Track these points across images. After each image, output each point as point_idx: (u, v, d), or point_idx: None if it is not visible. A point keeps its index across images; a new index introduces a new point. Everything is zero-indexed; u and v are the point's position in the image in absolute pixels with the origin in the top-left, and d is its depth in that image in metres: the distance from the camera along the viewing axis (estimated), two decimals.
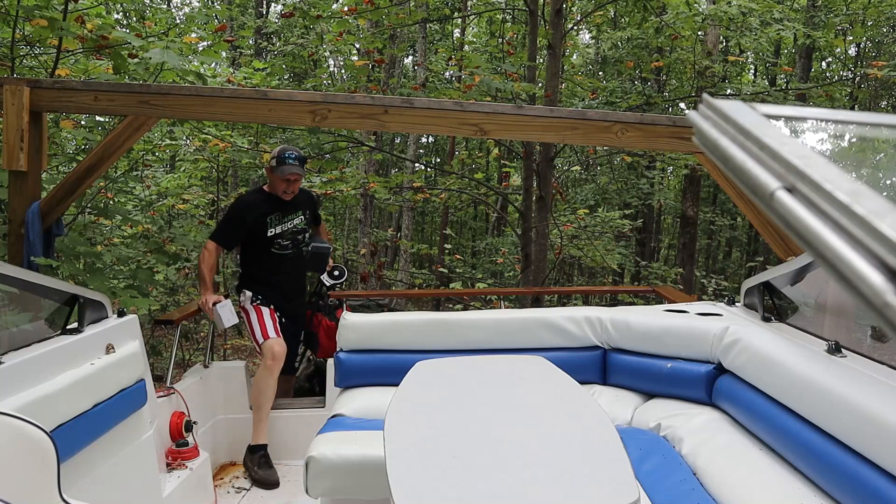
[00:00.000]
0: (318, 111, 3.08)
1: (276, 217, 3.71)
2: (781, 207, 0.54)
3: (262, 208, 3.68)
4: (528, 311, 3.24)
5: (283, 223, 3.74)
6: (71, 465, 2.02)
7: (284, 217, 3.74)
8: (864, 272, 0.45)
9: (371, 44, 7.04)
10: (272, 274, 3.75)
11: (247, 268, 3.81)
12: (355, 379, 2.96)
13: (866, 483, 1.65)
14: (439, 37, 13.57)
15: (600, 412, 1.77)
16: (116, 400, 2.37)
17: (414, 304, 10.52)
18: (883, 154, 0.93)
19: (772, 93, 8.64)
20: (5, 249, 3.12)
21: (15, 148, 2.96)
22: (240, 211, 3.69)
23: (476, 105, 3.17)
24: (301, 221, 3.82)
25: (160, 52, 3.68)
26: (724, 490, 1.94)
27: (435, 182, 11.74)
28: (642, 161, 9.54)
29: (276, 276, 3.76)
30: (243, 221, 3.66)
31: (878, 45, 12.11)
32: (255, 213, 3.66)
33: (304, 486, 2.34)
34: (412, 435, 1.64)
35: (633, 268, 11.38)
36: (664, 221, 15.80)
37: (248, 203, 3.73)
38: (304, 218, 3.83)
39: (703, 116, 0.73)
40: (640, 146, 4.64)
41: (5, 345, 2.12)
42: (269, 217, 3.68)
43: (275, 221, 3.71)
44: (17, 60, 4.32)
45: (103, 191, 5.26)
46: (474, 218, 16.20)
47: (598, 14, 9.05)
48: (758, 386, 2.22)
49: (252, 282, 3.74)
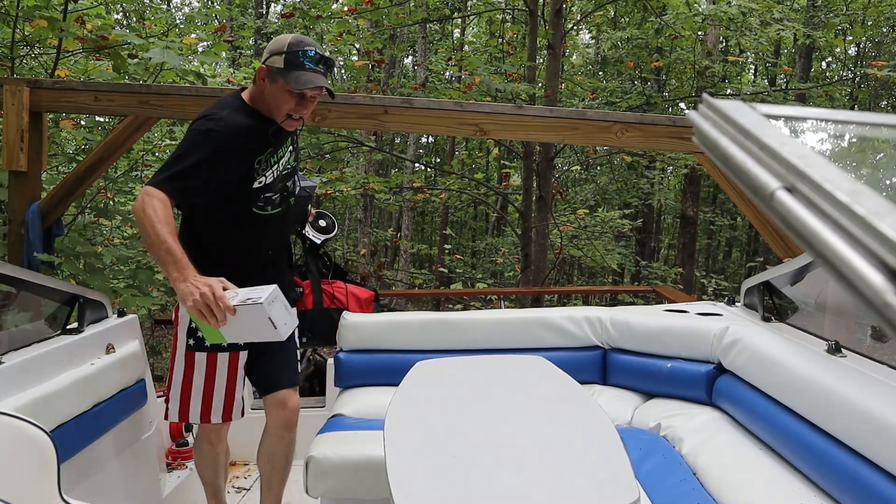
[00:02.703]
0: (318, 111, 3.07)
1: (266, 157, 2.17)
2: (781, 207, 0.55)
3: (252, 143, 2.11)
4: (528, 311, 3.24)
5: (273, 166, 2.20)
6: (71, 465, 2.02)
7: (274, 155, 2.20)
8: (864, 272, 0.45)
9: (371, 44, 7.04)
10: (249, 252, 2.23)
11: (201, 245, 2.17)
12: (355, 379, 2.96)
13: (866, 483, 1.65)
14: (439, 37, 13.57)
15: (600, 412, 1.77)
16: (116, 400, 2.37)
17: (414, 304, 10.52)
18: (883, 154, 0.93)
19: (772, 93, 8.65)
20: (5, 249, 3.12)
21: (15, 148, 2.96)
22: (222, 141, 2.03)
23: (476, 105, 3.17)
24: (290, 157, 2.30)
25: (160, 52, 3.68)
26: (724, 490, 1.94)
27: (435, 182, 11.74)
28: (642, 161, 9.55)
29: (253, 255, 2.24)
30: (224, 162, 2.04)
31: (878, 45, 12.11)
32: (244, 149, 2.10)
33: (304, 486, 2.34)
34: (412, 435, 1.64)
35: (633, 268, 11.38)
36: (664, 221, 15.80)
37: (235, 130, 2.06)
38: (292, 150, 2.32)
39: (703, 116, 0.73)
40: (640, 146, 4.64)
41: (5, 345, 2.12)
42: (259, 158, 2.14)
43: (264, 165, 2.16)
44: (17, 60, 4.32)
45: (103, 191, 5.26)
46: (474, 218, 16.20)
47: (598, 14, 9.05)
48: (758, 386, 2.22)
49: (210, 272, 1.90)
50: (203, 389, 2.24)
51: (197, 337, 2.20)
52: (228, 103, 2.16)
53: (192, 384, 2.23)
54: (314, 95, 2.14)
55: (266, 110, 2.15)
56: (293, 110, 2.13)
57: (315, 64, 2.09)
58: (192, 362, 2.23)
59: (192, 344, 2.22)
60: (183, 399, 2.25)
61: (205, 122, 2.06)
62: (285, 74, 2.07)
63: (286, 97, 2.10)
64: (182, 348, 2.24)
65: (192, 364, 2.23)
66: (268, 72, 2.10)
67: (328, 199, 9.18)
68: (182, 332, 2.24)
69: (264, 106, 2.15)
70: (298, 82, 2.06)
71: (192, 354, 2.22)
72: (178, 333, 2.25)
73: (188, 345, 2.22)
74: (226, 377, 2.26)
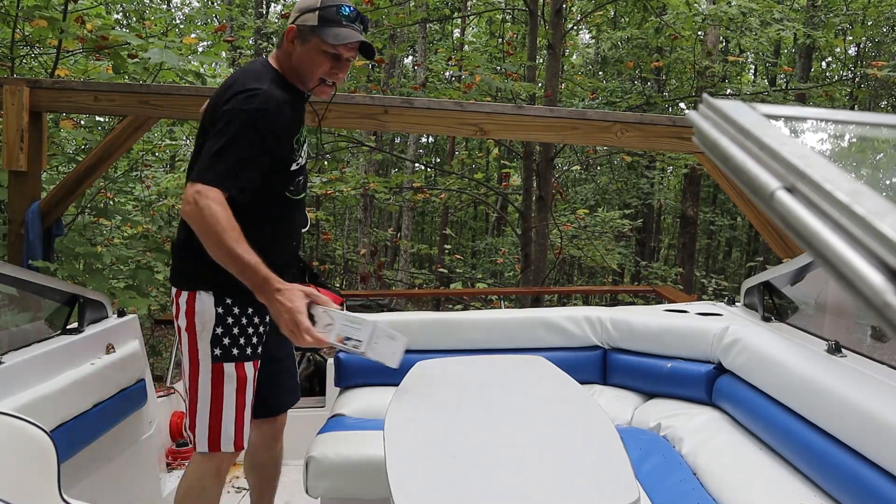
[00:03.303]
0: (318, 111, 3.07)
1: (301, 134, 1.97)
2: (781, 207, 0.54)
3: (295, 118, 1.92)
4: (528, 311, 3.24)
5: (304, 143, 2.02)
6: (71, 465, 2.02)
7: (303, 131, 2.00)
8: (864, 272, 0.45)
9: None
10: (273, 241, 1.93)
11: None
12: (355, 379, 2.96)
13: (866, 483, 1.65)
14: (439, 37, 13.57)
15: (600, 412, 1.77)
16: (116, 400, 2.37)
17: (414, 304, 10.52)
18: (883, 154, 0.93)
19: (772, 93, 8.65)
20: (5, 249, 3.12)
21: (15, 148, 2.96)
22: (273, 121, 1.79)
23: (476, 105, 3.17)
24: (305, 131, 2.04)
25: (159, 52, 3.68)
26: (724, 490, 1.94)
27: (435, 182, 11.74)
28: (642, 161, 9.55)
29: (278, 244, 1.96)
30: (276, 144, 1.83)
31: (878, 45, 12.11)
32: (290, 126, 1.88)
33: (304, 486, 2.34)
34: (412, 435, 1.64)
35: (633, 268, 11.38)
36: (664, 221, 15.80)
37: (281, 105, 1.81)
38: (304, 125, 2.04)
39: (703, 116, 0.73)
40: (640, 146, 4.64)
41: (5, 345, 2.12)
42: (297, 136, 1.93)
43: (299, 143, 1.96)
44: (17, 60, 4.32)
45: (103, 191, 5.26)
46: (474, 218, 16.20)
47: (598, 14, 9.05)
48: (758, 386, 2.22)
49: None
50: (235, 407, 1.89)
51: (223, 345, 1.87)
52: (264, 73, 1.86)
53: (224, 403, 1.88)
54: (350, 57, 1.91)
55: (294, 77, 1.91)
56: (327, 74, 1.89)
57: (352, 21, 1.88)
58: (221, 376, 1.87)
59: (219, 354, 1.87)
60: (213, 423, 1.87)
61: (249, 100, 1.75)
62: (321, 31, 1.83)
63: (321, 59, 1.86)
64: (207, 361, 1.87)
65: (220, 378, 1.87)
66: (298, 32, 1.85)
67: (328, 199, 9.18)
68: (204, 341, 1.86)
69: (293, 73, 1.90)
70: (338, 38, 1.84)
71: (220, 366, 1.87)
72: (198, 343, 1.86)
73: (214, 355, 1.86)
74: (253, 390, 1.94)
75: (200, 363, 1.88)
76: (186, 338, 1.88)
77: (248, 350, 1.91)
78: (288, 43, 1.88)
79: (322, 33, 1.83)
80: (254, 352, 1.93)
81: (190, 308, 1.86)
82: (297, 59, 1.88)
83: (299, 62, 1.88)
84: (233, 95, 1.78)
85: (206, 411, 1.87)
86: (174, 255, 1.99)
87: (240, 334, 1.89)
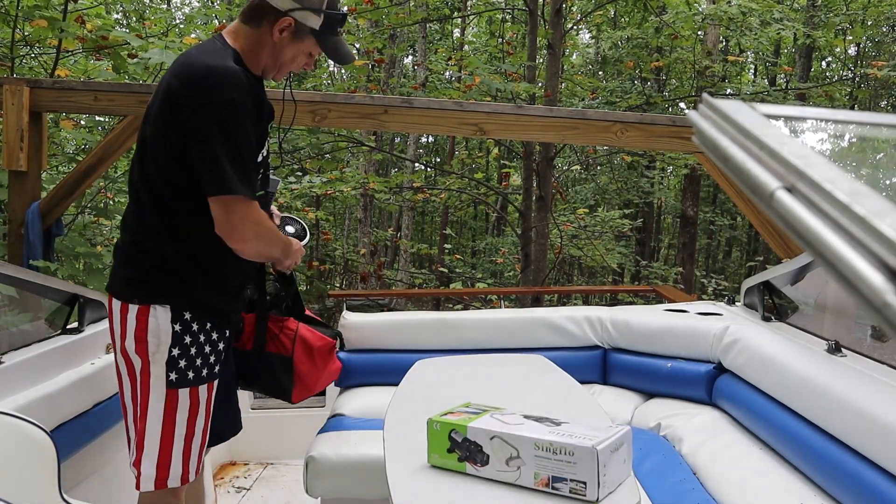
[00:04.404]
0: (318, 111, 3.08)
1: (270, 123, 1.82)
2: (781, 207, 0.54)
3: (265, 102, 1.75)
4: (528, 310, 3.24)
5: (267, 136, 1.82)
6: (71, 465, 2.02)
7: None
8: (864, 272, 0.45)
9: (371, 44, 7.04)
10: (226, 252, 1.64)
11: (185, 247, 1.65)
12: (355, 379, 2.96)
13: (866, 483, 1.65)
14: (439, 37, 13.56)
15: (600, 412, 1.77)
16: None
17: (414, 304, 10.52)
18: (883, 154, 0.93)
19: (772, 93, 8.65)
20: (5, 249, 3.12)
21: (15, 148, 2.96)
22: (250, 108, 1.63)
23: (476, 105, 3.17)
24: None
25: (159, 52, 3.69)
26: (724, 490, 1.94)
27: (435, 182, 11.74)
28: (642, 161, 9.55)
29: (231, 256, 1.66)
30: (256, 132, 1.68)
31: (878, 45, 12.11)
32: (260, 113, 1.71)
33: (304, 486, 2.34)
34: (412, 435, 1.64)
35: (633, 267, 11.39)
36: (664, 221, 15.81)
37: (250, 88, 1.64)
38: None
39: (702, 116, 0.73)
40: (640, 146, 4.65)
41: (5, 345, 2.12)
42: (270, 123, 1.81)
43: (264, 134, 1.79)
44: (17, 60, 4.32)
45: (103, 191, 5.26)
46: (474, 218, 16.20)
47: (597, 14, 9.05)
48: (758, 385, 2.22)
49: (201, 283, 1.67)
50: (185, 437, 1.66)
51: (179, 368, 1.63)
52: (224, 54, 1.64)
53: (175, 434, 1.64)
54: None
55: (253, 61, 1.70)
56: (296, 69, 1.79)
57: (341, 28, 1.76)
58: (175, 404, 1.64)
59: (175, 380, 1.64)
60: (162, 459, 1.63)
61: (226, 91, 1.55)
62: (322, 40, 1.71)
63: (303, 58, 1.75)
64: (160, 388, 1.63)
65: (174, 406, 1.64)
66: (296, 27, 1.66)
67: (328, 199, 9.19)
68: (157, 364, 1.62)
69: (253, 56, 1.69)
70: (338, 54, 1.75)
71: (174, 393, 1.63)
72: (150, 367, 1.62)
73: (169, 381, 1.63)
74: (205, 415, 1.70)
75: (151, 391, 1.63)
76: (136, 361, 1.64)
77: (204, 371, 1.68)
78: (276, 31, 1.66)
79: (323, 43, 1.72)
80: (210, 372, 1.70)
81: (141, 325, 1.61)
82: (276, 49, 1.69)
83: (278, 53, 1.70)
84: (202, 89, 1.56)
85: (156, 446, 1.63)
86: (118, 259, 1.71)
87: (197, 354, 1.66)
